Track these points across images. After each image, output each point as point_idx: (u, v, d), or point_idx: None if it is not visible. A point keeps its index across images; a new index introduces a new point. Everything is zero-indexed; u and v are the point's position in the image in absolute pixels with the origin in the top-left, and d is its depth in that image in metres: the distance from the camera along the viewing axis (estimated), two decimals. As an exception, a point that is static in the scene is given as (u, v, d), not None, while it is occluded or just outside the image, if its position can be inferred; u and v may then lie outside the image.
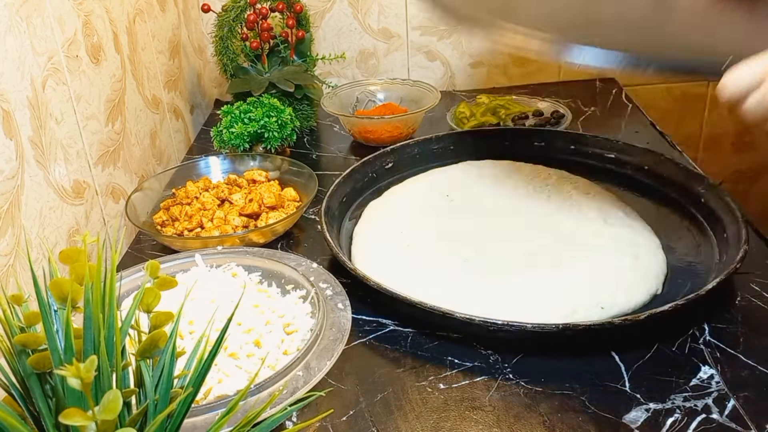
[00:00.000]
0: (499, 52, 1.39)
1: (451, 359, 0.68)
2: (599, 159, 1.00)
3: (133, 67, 1.01)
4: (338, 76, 1.41)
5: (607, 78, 1.42)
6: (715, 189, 0.85)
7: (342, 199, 0.92)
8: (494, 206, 0.89)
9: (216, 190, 0.95)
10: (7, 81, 0.68)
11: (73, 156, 0.81)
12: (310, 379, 0.60)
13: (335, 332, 0.66)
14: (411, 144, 1.04)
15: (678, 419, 0.59)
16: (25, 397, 0.38)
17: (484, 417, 0.61)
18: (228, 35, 1.14)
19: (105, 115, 0.90)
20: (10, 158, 0.68)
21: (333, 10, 1.35)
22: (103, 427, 0.31)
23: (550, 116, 1.16)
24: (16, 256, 0.69)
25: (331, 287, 0.72)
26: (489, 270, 0.77)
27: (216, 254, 0.78)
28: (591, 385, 0.64)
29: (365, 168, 0.98)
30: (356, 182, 0.96)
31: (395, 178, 1.00)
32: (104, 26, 0.91)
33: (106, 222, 0.90)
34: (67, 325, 0.36)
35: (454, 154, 1.04)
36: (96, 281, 0.38)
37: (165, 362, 0.40)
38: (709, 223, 0.84)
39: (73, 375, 0.31)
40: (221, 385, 0.60)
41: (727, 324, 0.70)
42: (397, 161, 1.02)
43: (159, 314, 0.41)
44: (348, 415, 0.62)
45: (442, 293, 0.73)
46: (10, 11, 0.70)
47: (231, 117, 1.04)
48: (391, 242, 0.83)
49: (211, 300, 0.69)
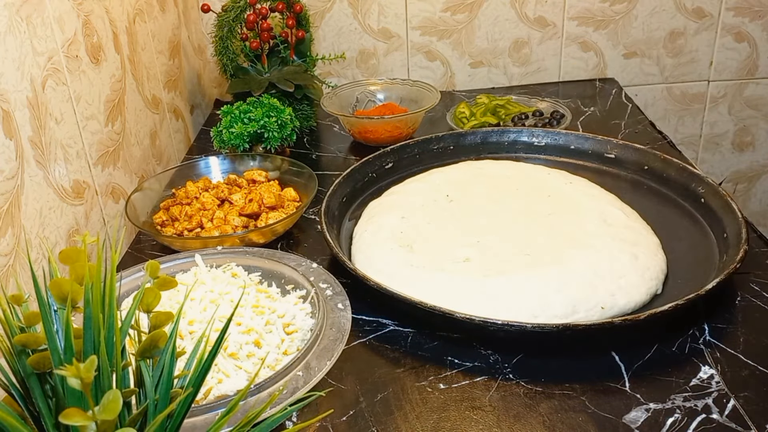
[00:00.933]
0: (499, 52, 1.40)
1: (451, 359, 0.68)
2: (599, 159, 1.00)
3: (133, 67, 1.01)
4: (338, 76, 1.41)
5: (607, 78, 1.42)
6: (715, 189, 0.85)
7: (342, 199, 0.93)
8: (494, 206, 0.89)
9: (216, 190, 0.95)
10: (7, 81, 0.68)
11: (73, 156, 0.81)
12: (310, 379, 0.60)
13: (335, 332, 0.66)
14: (411, 144, 1.04)
15: (678, 419, 0.59)
16: (25, 397, 0.38)
17: (484, 417, 0.61)
18: (228, 35, 1.14)
19: (105, 115, 0.90)
20: (10, 158, 0.68)
21: (333, 10, 1.35)
22: (103, 427, 0.31)
23: (550, 116, 1.16)
24: (16, 256, 0.69)
25: (331, 287, 0.72)
26: (489, 270, 0.77)
27: (216, 254, 0.78)
28: (591, 385, 0.64)
29: (365, 168, 0.98)
30: (356, 182, 0.96)
31: (395, 178, 1.00)
32: (104, 26, 0.91)
33: (106, 222, 0.90)
34: (67, 325, 0.36)
35: (454, 154, 1.04)
36: (96, 281, 0.38)
37: (165, 362, 0.40)
38: (708, 223, 0.84)
39: (73, 375, 0.31)
40: (221, 385, 0.60)
41: (727, 324, 0.70)
42: (397, 161, 1.02)
43: (159, 314, 0.41)
44: (348, 415, 0.62)
45: (442, 293, 0.73)
46: (10, 11, 0.70)
47: (231, 117, 1.04)
48: (391, 242, 0.83)
49: (211, 300, 0.69)
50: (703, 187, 0.87)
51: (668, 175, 0.93)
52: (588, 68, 1.42)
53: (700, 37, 1.40)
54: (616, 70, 1.42)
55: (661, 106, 1.47)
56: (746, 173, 1.55)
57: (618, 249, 0.78)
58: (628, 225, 0.84)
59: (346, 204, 0.93)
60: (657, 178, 0.94)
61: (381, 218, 0.89)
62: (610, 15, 1.37)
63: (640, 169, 0.96)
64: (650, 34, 1.39)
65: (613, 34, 1.39)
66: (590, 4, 1.36)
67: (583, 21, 1.37)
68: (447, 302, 0.70)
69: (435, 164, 1.02)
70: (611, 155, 0.99)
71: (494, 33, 1.38)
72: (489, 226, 0.85)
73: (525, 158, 1.04)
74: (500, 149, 1.05)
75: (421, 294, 0.71)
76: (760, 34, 1.40)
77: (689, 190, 0.89)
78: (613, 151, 1.00)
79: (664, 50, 1.41)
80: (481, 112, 1.19)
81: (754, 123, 1.49)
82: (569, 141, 1.03)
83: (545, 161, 1.03)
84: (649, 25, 1.38)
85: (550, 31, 1.38)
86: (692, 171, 0.90)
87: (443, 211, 0.89)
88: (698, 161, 1.53)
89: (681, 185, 0.90)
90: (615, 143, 1.00)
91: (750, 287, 0.75)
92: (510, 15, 1.36)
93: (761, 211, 1.60)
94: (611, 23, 1.38)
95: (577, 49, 1.40)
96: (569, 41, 1.39)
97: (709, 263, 0.78)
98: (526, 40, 1.39)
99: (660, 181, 0.93)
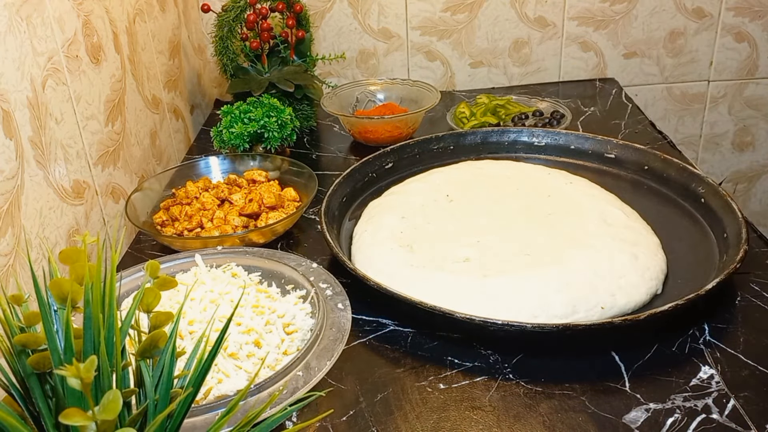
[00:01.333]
0: (499, 52, 1.40)
1: (451, 359, 0.68)
2: (599, 159, 1.00)
3: (133, 67, 1.01)
4: (338, 76, 1.41)
5: (607, 78, 1.42)
6: (715, 189, 0.85)
7: (342, 199, 0.93)
8: (494, 206, 0.89)
9: (216, 190, 0.95)
10: (7, 81, 0.68)
11: (73, 156, 0.81)
12: (310, 379, 0.60)
13: (335, 332, 0.66)
14: (411, 144, 1.04)
15: (678, 419, 0.59)
16: (25, 397, 0.38)
17: (484, 417, 0.61)
18: (228, 35, 1.14)
19: (105, 115, 0.90)
20: (10, 158, 0.68)
21: (333, 10, 1.35)
22: (103, 427, 0.31)
23: (550, 116, 1.16)
24: (16, 256, 0.69)
25: (331, 287, 0.72)
26: (489, 270, 0.77)
27: (216, 254, 0.78)
28: (591, 385, 0.64)
29: (365, 168, 0.98)
30: (356, 182, 0.96)
31: (395, 178, 1.00)
32: (104, 26, 0.91)
33: (106, 222, 0.90)
34: (67, 325, 0.36)
35: (454, 154, 1.04)
36: (96, 281, 0.38)
37: (165, 362, 0.40)
38: (709, 223, 0.84)
39: (73, 375, 0.31)
40: (221, 385, 0.60)
41: (727, 324, 0.70)
42: (397, 161, 1.02)
43: (159, 314, 0.41)
44: (348, 415, 0.62)
45: (442, 293, 0.73)
46: (10, 11, 0.70)
47: (231, 117, 1.04)
48: (391, 242, 0.83)
49: (211, 300, 0.69)
50: (704, 187, 0.87)
51: (668, 175, 0.93)
52: (588, 68, 1.42)
53: (700, 37, 1.40)
54: (616, 70, 1.42)
55: (661, 106, 1.47)
56: (746, 173, 1.55)
57: (618, 249, 0.78)
58: (628, 225, 0.84)
59: (346, 204, 0.93)
60: (657, 178, 0.94)
61: (381, 218, 0.89)
62: (610, 15, 1.37)
63: (640, 169, 0.96)
64: (650, 34, 1.39)
65: (613, 34, 1.39)
66: (590, 4, 1.36)
67: (583, 21, 1.37)
68: (447, 302, 0.70)
69: (435, 164, 1.02)
70: (611, 155, 1.00)
71: (494, 33, 1.38)
72: (489, 226, 0.85)
73: (525, 158, 1.04)
74: (500, 149, 1.05)
75: (421, 294, 0.71)
76: (760, 34, 1.40)
77: (689, 190, 0.89)
78: (613, 151, 1.00)
79: (664, 50, 1.41)
80: (481, 112, 1.19)
81: (754, 123, 1.49)
82: (569, 141, 1.03)
83: (545, 161, 1.03)
84: (649, 25, 1.38)
85: (550, 31, 1.38)
86: (692, 171, 0.90)
87: (443, 211, 0.89)
88: (698, 161, 1.53)
89: (681, 185, 0.90)
90: (615, 143, 1.00)
91: (750, 287, 0.75)
92: (510, 15, 1.36)
93: (761, 211, 1.60)
94: (611, 23, 1.38)
95: (577, 49, 1.40)
96: (569, 41, 1.39)
97: (709, 263, 0.78)
98: (526, 40, 1.39)
99: (660, 181, 0.93)
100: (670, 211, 0.89)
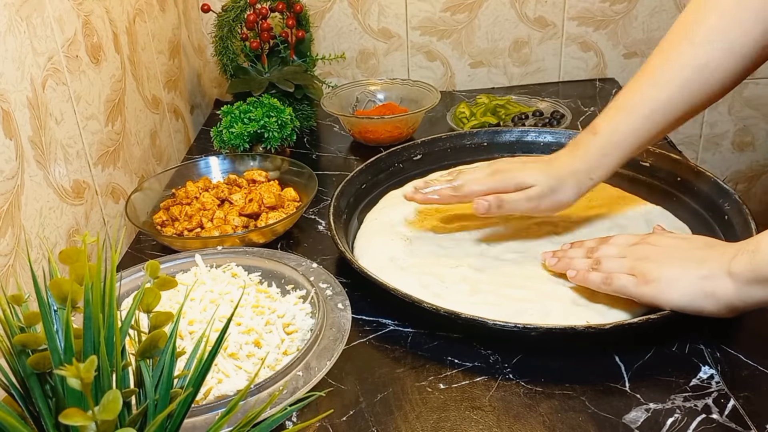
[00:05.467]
0: (499, 52, 1.40)
1: (451, 359, 0.68)
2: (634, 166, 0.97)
3: (133, 67, 1.01)
4: (338, 76, 1.41)
5: (607, 78, 1.42)
6: (740, 207, 0.80)
7: (350, 200, 0.92)
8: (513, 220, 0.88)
9: (216, 190, 0.95)
10: (7, 81, 0.68)
11: (73, 156, 0.81)
12: (310, 379, 0.60)
13: (335, 332, 0.66)
14: (413, 145, 1.03)
15: (678, 419, 0.59)
16: (25, 397, 0.38)
17: (484, 417, 0.61)
18: (228, 35, 1.14)
19: (105, 115, 0.90)
20: (10, 158, 0.68)
21: (333, 10, 1.35)
22: (103, 427, 0.31)
23: (550, 116, 1.16)
24: (16, 256, 0.69)
25: (331, 287, 0.72)
26: (490, 270, 0.77)
27: (216, 254, 0.78)
28: (591, 385, 0.64)
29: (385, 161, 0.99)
30: (361, 183, 0.95)
31: (395, 181, 1.00)
32: (104, 26, 0.91)
33: (106, 222, 0.90)
34: (67, 325, 0.36)
35: (453, 155, 1.04)
36: (96, 281, 0.38)
37: (165, 362, 0.40)
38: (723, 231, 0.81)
39: (73, 375, 0.31)
40: (221, 385, 0.60)
41: (727, 324, 0.70)
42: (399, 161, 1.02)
43: (159, 314, 0.41)
44: (348, 415, 0.62)
45: (443, 293, 0.73)
46: (10, 11, 0.70)
47: (231, 117, 1.04)
48: (391, 242, 0.83)
49: (211, 300, 0.69)
50: (730, 204, 0.82)
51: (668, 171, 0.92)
52: (588, 68, 1.42)
53: (700, 37, 1.40)
54: (616, 70, 1.42)
55: (661, 106, 1.47)
56: (746, 173, 1.55)
57: (618, 249, 0.78)
58: (632, 227, 0.84)
59: (353, 205, 0.92)
60: (657, 179, 0.93)
61: (381, 218, 0.89)
62: (610, 15, 1.37)
63: (640, 169, 0.96)
64: (650, 34, 1.39)
65: (613, 34, 1.39)
66: (590, 4, 1.36)
67: (583, 21, 1.37)
68: (447, 302, 0.70)
69: (435, 166, 1.02)
70: (646, 163, 0.96)
71: (494, 33, 1.38)
72: (491, 226, 0.85)
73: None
74: (500, 149, 1.05)
75: (422, 294, 0.71)
76: (760, 34, 1.40)
77: (691, 190, 0.88)
78: (649, 160, 0.96)
79: (664, 50, 1.41)
80: (481, 112, 1.19)
81: (754, 123, 1.49)
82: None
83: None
84: (649, 25, 1.38)
85: (550, 31, 1.38)
86: (722, 186, 0.84)
87: (444, 212, 0.89)
88: (698, 161, 1.53)
89: (682, 185, 0.90)
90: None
91: (750, 287, 0.75)
92: (510, 15, 1.36)
93: (761, 211, 1.59)
94: (611, 23, 1.38)
95: (577, 49, 1.40)
96: (569, 41, 1.39)
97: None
98: (526, 40, 1.39)
99: (659, 177, 0.93)
100: (673, 209, 0.87)
